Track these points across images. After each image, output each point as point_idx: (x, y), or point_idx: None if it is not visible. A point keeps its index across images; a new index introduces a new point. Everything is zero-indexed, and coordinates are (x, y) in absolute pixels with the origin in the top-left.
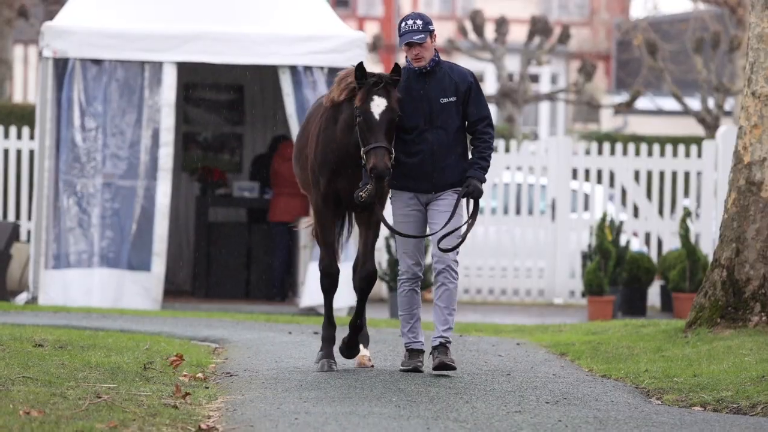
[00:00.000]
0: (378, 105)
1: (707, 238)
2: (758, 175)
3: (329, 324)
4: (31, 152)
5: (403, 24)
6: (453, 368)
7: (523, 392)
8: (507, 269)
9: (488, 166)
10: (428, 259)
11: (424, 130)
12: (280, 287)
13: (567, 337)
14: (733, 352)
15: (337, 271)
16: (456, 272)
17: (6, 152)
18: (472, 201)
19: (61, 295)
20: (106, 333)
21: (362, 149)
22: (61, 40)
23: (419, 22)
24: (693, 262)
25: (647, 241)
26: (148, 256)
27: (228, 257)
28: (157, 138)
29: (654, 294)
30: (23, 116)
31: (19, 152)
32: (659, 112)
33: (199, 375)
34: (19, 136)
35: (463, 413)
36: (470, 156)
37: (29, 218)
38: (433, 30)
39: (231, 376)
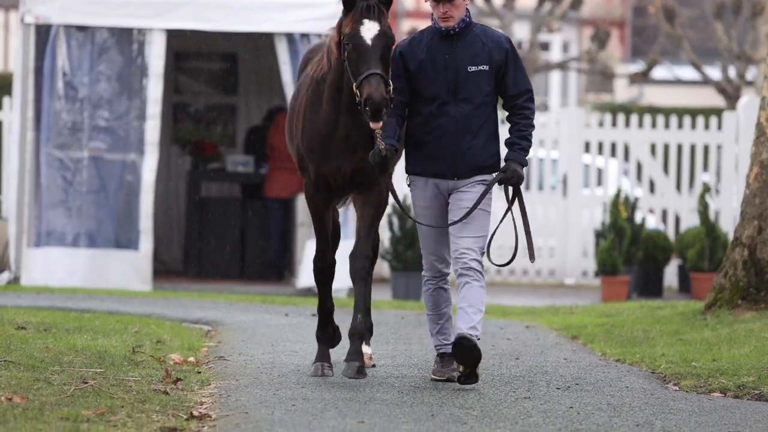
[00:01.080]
0: (369, 29)
1: (728, 215)
2: None
3: (324, 320)
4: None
5: None
6: (477, 357)
7: (533, 377)
8: (502, 247)
9: (529, 147)
10: None
11: (446, 102)
12: (276, 266)
13: (579, 320)
14: (754, 336)
15: (333, 262)
16: (480, 272)
17: None
18: (511, 189)
19: (44, 275)
20: (92, 315)
21: (354, 83)
22: (44, 5)
23: None
24: (712, 240)
25: (664, 219)
26: (135, 234)
27: (221, 235)
28: (144, 110)
29: (671, 274)
30: (3, 86)
31: (3, 126)
32: (677, 82)
33: (191, 359)
34: (4, 108)
35: (470, 399)
36: (508, 135)
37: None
38: None
39: (225, 360)
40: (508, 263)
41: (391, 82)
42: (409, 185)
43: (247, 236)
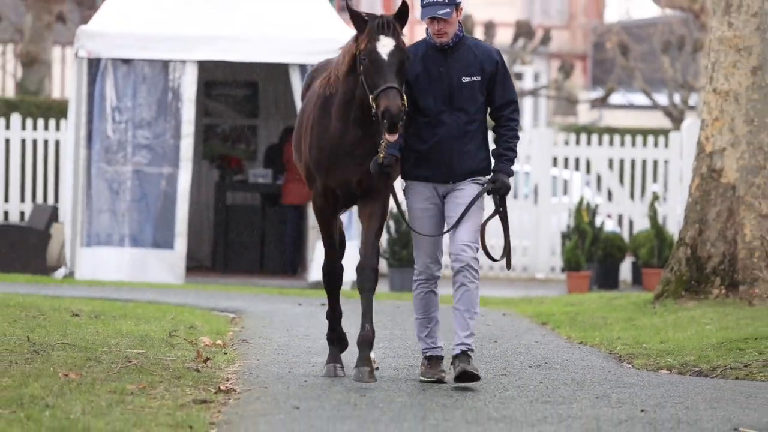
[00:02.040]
0: (385, 45)
1: (673, 219)
2: (719, 163)
3: (334, 324)
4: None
5: None
6: (477, 378)
7: (509, 357)
8: (494, 247)
9: (515, 157)
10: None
11: (442, 111)
12: (291, 263)
13: (548, 308)
14: (696, 322)
15: (341, 270)
16: (476, 271)
17: (46, 142)
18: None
19: (94, 270)
20: (135, 304)
21: (370, 96)
22: (95, 42)
23: None
24: (660, 241)
25: (620, 222)
26: (171, 236)
27: (244, 236)
28: (178, 129)
29: (626, 269)
30: (61, 110)
31: (57, 142)
32: (630, 107)
33: (219, 342)
34: (57, 128)
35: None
36: (494, 146)
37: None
38: (460, 3)
39: (247, 342)
40: (501, 258)
41: (405, 96)
42: (404, 189)
43: (266, 237)
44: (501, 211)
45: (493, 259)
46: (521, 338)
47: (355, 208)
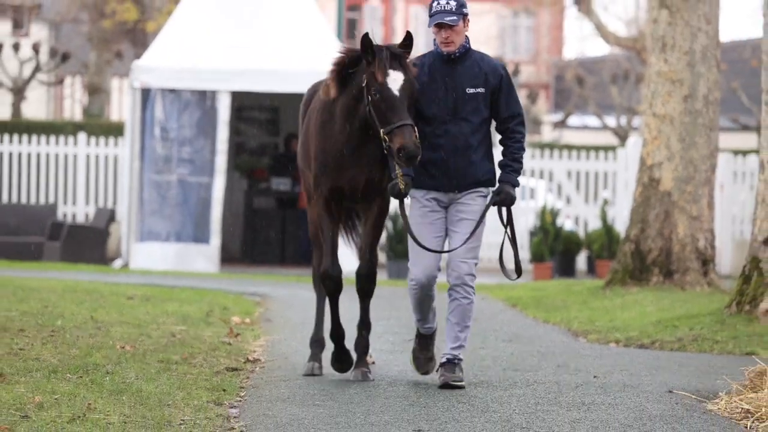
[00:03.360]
0: (395, 79)
1: (620, 220)
2: (657, 174)
3: (336, 327)
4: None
5: (434, 3)
6: (460, 387)
7: (486, 334)
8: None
9: (521, 169)
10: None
11: (447, 121)
12: (306, 256)
13: (517, 293)
14: (638, 304)
15: (340, 272)
16: (472, 287)
17: (106, 157)
18: (504, 209)
19: (145, 261)
20: (179, 289)
21: (382, 131)
22: (146, 74)
23: (453, 2)
24: (610, 237)
25: (576, 222)
26: (208, 233)
27: (268, 234)
28: (214, 146)
29: (581, 261)
30: (119, 130)
31: (115, 157)
32: (585, 128)
33: (247, 320)
34: (116, 145)
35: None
36: (501, 157)
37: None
38: (467, 14)
39: (270, 321)
40: (516, 276)
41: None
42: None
43: (286, 234)
44: (508, 224)
45: (509, 278)
46: (495, 318)
47: None
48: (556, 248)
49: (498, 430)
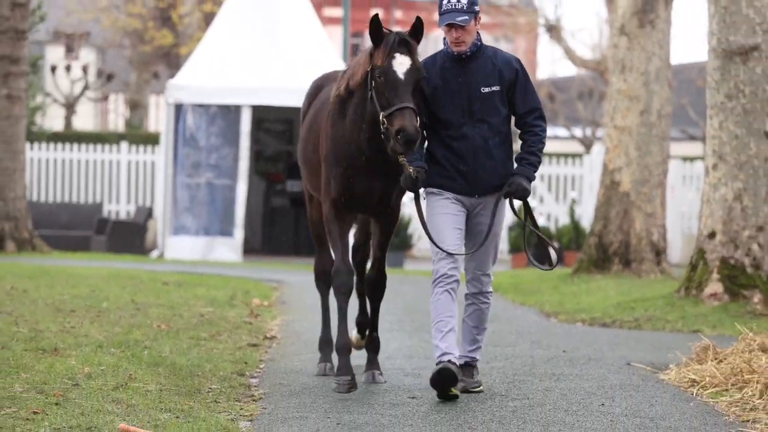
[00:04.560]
0: (401, 63)
1: (586, 217)
2: (617, 177)
3: (343, 331)
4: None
5: (444, 1)
6: (478, 393)
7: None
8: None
9: (538, 162)
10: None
11: (463, 124)
12: None
13: (497, 279)
14: (601, 289)
15: (352, 271)
16: (490, 293)
17: (145, 162)
18: (517, 202)
19: (178, 252)
20: (207, 276)
21: (381, 114)
22: (179, 92)
23: (463, 0)
24: (577, 232)
25: (548, 219)
26: (232, 228)
27: (283, 229)
28: (237, 153)
29: (552, 252)
30: (155, 140)
31: (153, 162)
32: (556, 137)
33: (265, 303)
34: (153, 152)
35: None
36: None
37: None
38: (479, 11)
39: (285, 304)
40: (552, 266)
41: (419, 117)
42: (424, 197)
43: (299, 229)
44: (528, 216)
45: (543, 269)
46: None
47: None
48: (530, 241)
49: (480, 398)
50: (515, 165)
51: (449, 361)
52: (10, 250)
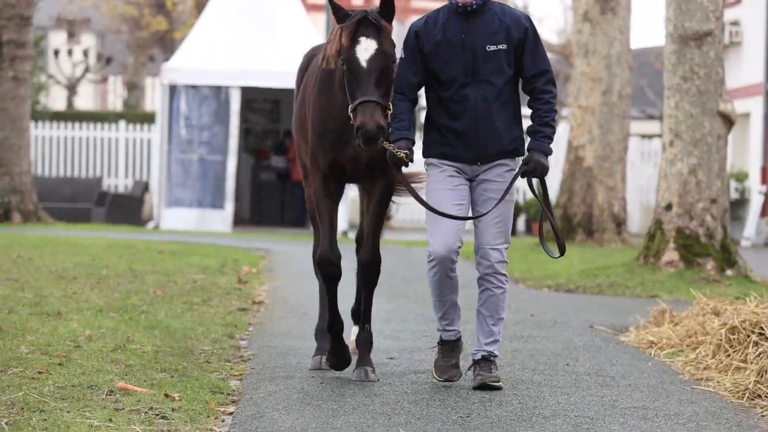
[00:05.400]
0: (365, 48)
1: (552, 190)
2: (581, 153)
3: (334, 318)
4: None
5: None
6: (497, 388)
7: None
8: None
9: (553, 134)
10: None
11: (465, 84)
12: (300, 219)
13: (470, 249)
14: (566, 257)
15: (339, 256)
16: (504, 275)
17: (141, 140)
18: (537, 181)
19: (173, 223)
20: (199, 245)
21: (350, 107)
22: (173, 74)
23: None
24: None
25: (517, 192)
26: (222, 201)
27: (270, 201)
28: (227, 131)
29: (521, 223)
30: (151, 119)
31: (149, 140)
32: (524, 116)
33: (254, 270)
34: (149, 130)
35: (419, 291)
36: (530, 122)
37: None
38: None
39: (272, 271)
40: (559, 255)
41: (390, 106)
42: (426, 168)
43: (285, 202)
44: (544, 198)
45: (551, 255)
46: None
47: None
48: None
49: None
50: (528, 139)
51: (452, 340)
52: (16, 221)
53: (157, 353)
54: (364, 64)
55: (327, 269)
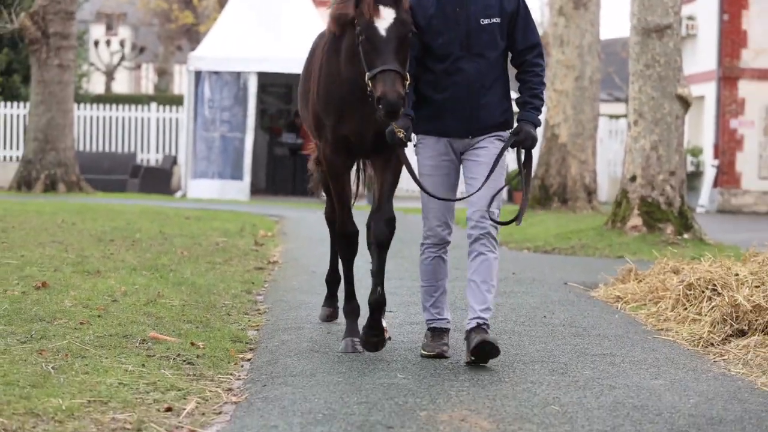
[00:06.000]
0: (385, 18)
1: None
2: (557, 131)
3: (350, 296)
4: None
5: None
6: (496, 350)
7: None
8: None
9: (542, 106)
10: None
11: (459, 57)
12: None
13: (456, 215)
14: (543, 222)
15: (356, 231)
16: (496, 240)
17: (170, 120)
18: (524, 152)
19: (198, 192)
20: (221, 212)
21: (367, 75)
22: (198, 62)
23: None
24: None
25: None
26: (241, 173)
27: (283, 173)
28: (246, 111)
29: (503, 192)
30: (179, 101)
31: (177, 119)
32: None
33: (269, 234)
34: (177, 111)
35: (414, 253)
36: (518, 94)
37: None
38: None
39: (285, 234)
40: (513, 221)
41: (408, 76)
42: (415, 144)
43: (296, 174)
44: (525, 167)
45: (499, 223)
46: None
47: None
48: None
49: None
50: (518, 110)
51: (441, 328)
52: (61, 191)
53: (184, 307)
54: (383, 33)
55: (342, 242)
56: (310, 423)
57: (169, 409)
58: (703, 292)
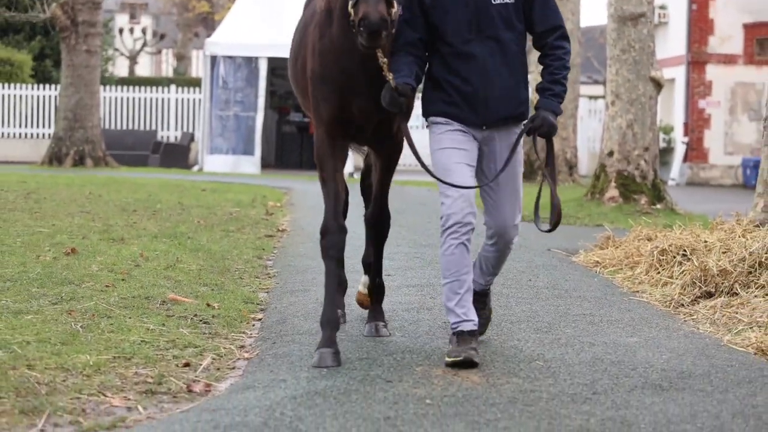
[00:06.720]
0: None
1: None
2: None
3: (330, 303)
4: (199, 101)
5: None
6: (485, 321)
7: (422, 215)
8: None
9: (564, 93)
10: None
11: (469, 40)
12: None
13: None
14: (528, 194)
15: (343, 229)
16: (515, 241)
17: (188, 101)
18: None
19: (213, 167)
20: (234, 185)
21: (349, 3)
22: (214, 47)
23: None
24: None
25: None
26: (253, 148)
27: (291, 149)
28: (257, 92)
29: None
30: (197, 83)
31: (195, 100)
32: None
33: (278, 204)
34: (194, 92)
35: (410, 221)
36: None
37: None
38: None
39: (293, 205)
40: (552, 229)
41: (396, 4)
42: (428, 127)
43: (303, 149)
44: (547, 161)
45: (539, 228)
46: (431, 205)
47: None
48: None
49: (429, 275)
50: (538, 97)
51: (468, 331)
52: (88, 165)
53: (200, 271)
54: None
55: (328, 240)
56: (316, 377)
57: (186, 365)
58: (674, 257)
